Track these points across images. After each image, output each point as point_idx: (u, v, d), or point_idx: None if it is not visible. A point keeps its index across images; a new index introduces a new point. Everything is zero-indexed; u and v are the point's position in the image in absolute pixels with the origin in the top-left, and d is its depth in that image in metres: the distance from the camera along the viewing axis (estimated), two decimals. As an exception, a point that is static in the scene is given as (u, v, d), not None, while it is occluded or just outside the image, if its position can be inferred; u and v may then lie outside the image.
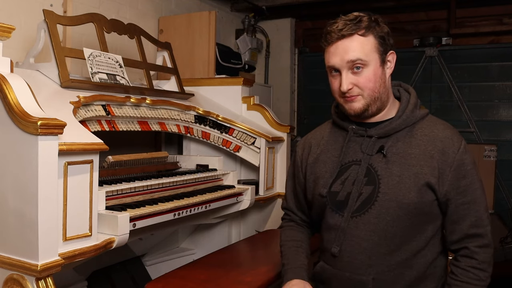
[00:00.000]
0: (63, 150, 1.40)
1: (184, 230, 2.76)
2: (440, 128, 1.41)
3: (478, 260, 1.34)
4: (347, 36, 1.36)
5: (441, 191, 1.35)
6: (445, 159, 1.35)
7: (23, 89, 1.41)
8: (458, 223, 1.37)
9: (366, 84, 1.37)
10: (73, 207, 1.46)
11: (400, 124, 1.41)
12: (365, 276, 1.38)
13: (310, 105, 4.70)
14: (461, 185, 1.35)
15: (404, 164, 1.37)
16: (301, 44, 4.69)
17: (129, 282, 2.41)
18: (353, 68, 1.36)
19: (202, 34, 3.19)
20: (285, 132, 2.71)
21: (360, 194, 1.40)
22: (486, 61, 3.98)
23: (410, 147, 1.39)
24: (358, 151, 1.44)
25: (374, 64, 1.37)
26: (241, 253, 2.30)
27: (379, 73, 1.38)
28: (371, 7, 4.11)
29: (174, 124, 2.40)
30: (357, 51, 1.35)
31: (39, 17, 1.98)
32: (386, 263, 1.38)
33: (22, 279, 1.37)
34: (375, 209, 1.37)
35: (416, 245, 1.38)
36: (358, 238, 1.39)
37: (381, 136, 1.42)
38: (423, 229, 1.38)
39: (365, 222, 1.38)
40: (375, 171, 1.39)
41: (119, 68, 2.16)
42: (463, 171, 1.36)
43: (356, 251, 1.40)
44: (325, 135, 1.57)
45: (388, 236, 1.37)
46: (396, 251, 1.37)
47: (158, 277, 1.85)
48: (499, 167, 3.80)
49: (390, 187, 1.36)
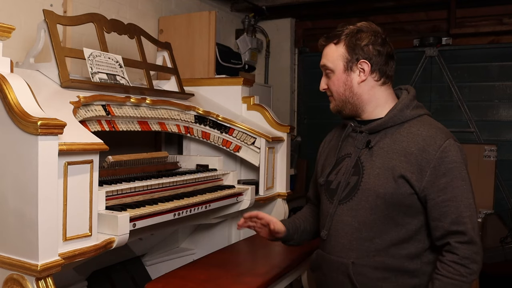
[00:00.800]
0: (63, 150, 1.40)
1: (184, 230, 2.76)
2: (426, 128, 1.48)
3: (459, 256, 1.38)
4: (326, 44, 1.59)
5: (419, 186, 1.42)
6: (425, 156, 1.43)
7: (23, 89, 1.41)
8: (440, 220, 1.42)
9: (331, 87, 1.58)
10: (73, 207, 1.46)
11: (386, 122, 1.52)
12: (346, 259, 1.50)
13: (310, 105, 4.70)
14: (441, 182, 1.41)
15: (386, 158, 1.48)
16: (301, 44, 4.70)
17: (129, 282, 2.41)
18: (326, 72, 1.59)
19: (202, 34, 3.19)
20: (285, 132, 2.71)
21: (348, 183, 1.53)
22: (486, 61, 3.98)
23: (394, 143, 1.49)
24: (352, 145, 1.59)
25: (338, 70, 1.55)
26: (241, 253, 2.31)
27: (342, 79, 1.55)
28: (371, 7, 4.12)
29: (174, 124, 2.40)
30: (325, 58, 1.58)
31: (39, 17, 1.98)
32: (365, 248, 1.48)
33: (22, 279, 1.37)
34: (357, 197, 1.50)
35: (396, 236, 1.46)
36: (342, 223, 1.52)
37: (371, 132, 1.54)
38: (404, 222, 1.46)
39: (349, 208, 1.51)
40: (361, 163, 1.53)
41: (119, 68, 2.16)
42: (443, 169, 1.41)
43: (340, 235, 1.53)
44: (337, 132, 1.74)
45: (368, 223, 1.48)
46: (375, 238, 1.47)
47: (158, 277, 1.85)
48: (499, 167, 3.80)
49: (371, 178, 1.48)
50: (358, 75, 1.53)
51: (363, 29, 1.54)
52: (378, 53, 1.52)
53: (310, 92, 4.67)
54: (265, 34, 4.56)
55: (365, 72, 1.53)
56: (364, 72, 1.53)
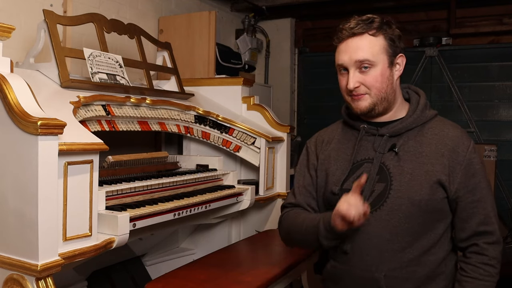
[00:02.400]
0: (63, 150, 1.40)
1: (184, 230, 2.76)
2: (450, 128, 1.44)
3: (489, 256, 1.36)
4: (358, 34, 1.38)
5: (451, 188, 1.37)
6: (455, 157, 1.38)
7: (23, 89, 1.41)
8: (467, 221, 1.38)
9: (372, 83, 1.39)
10: (73, 207, 1.46)
11: (411, 123, 1.43)
12: (377, 273, 1.39)
13: (310, 105, 4.70)
14: (470, 183, 1.38)
15: (416, 162, 1.39)
16: (301, 44, 4.69)
17: (129, 282, 2.41)
18: (360, 68, 1.39)
19: (202, 34, 3.19)
20: (285, 132, 2.71)
21: (372, 191, 1.40)
22: (486, 61, 3.98)
23: (421, 145, 1.41)
24: (370, 149, 1.45)
25: (381, 65, 1.39)
26: (241, 253, 2.30)
27: (386, 74, 1.40)
28: (371, 7, 4.12)
29: (174, 124, 2.40)
30: (365, 51, 1.38)
31: (39, 17, 1.98)
32: (398, 260, 1.38)
33: (22, 279, 1.37)
34: (387, 206, 1.38)
35: (427, 243, 1.39)
36: (370, 235, 1.40)
37: (392, 135, 1.44)
38: (434, 227, 1.40)
39: (377, 219, 1.39)
40: (387, 168, 1.41)
41: (119, 68, 2.16)
42: (472, 170, 1.38)
43: (368, 247, 1.40)
44: (336, 134, 1.58)
45: (400, 233, 1.37)
46: (407, 248, 1.38)
47: (158, 277, 1.85)
48: (499, 167, 3.80)
49: (402, 184, 1.38)
50: (397, 70, 1.44)
51: (390, 21, 1.43)
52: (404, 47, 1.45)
53: (310, 92, 4.67)
54: (265, 34, 4.56)
55: (401, 67, 1.44)
56: (400, 66, 1.44)
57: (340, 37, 1.42)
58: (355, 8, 4.14)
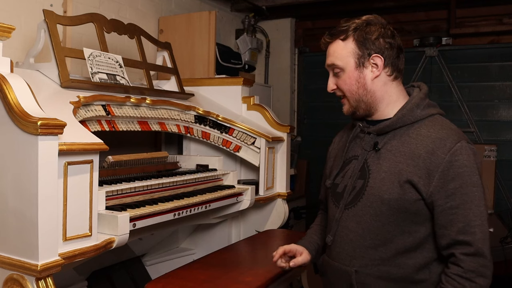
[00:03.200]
0: (63, 150, 1.40)
1: (184, 230, 2.76)
2: (436, 129, 1.38)
3: (464, 269, 1.28)
4: (331, 42, 1.48)
5: (426, 191, 1.33)
6: (434, 159, 1.33)
7: (23, 89, 1.41)
8: (446, 228, 1.32)
9: (342, 86, 1.48)
10: (73, 207, 1.46)
11: (395, 123, 1.42)
12: (349, 267, 1.44)
13: (310, 105, 4.69)
14: (449, 188, 1.31)
15: (393, 161, 1.39)
16: (301, 44, 4.69)
17: (129, 282, 2.41)
18: (333, 72, 1.49)
19: (202, 34, 3.19)
20: (285, 132, 2.71)
21: (354, 187, 1.46)
22: (486, 61, 3.98)
23: (402, 145, 1.40)
24: (359, 147, 1.51)
25: (348, 68, 1.45)
26: (241, 253, 2.30)
27: (354, 76, 1.45)
28: (371, 7, 4.12)
29: (174, 124, 2.40)
30: (333, 57, 1.47)
31: (39, 17, 1.98)
32: (369, 256, 1.40)
33: (22, 279, 1.37)
34: (361, 203, 1.43)
35: (402, 244, 1.37)
36: (347, 229, 1.46)
37: (378, 133, 1.46)
38: (411, 229, 1.37)
39: (354, 214, 1.44)
40: (367, 166, 1.45)
41: (119, 68, 2.16)
42: (452, 173, 1.31)
43: (344, 241, 1.47)
44: (345, 131, 1.66)
45: (372, 230, 1.40)
46: (380, 246, 1.39)
47: (158, 277, 1.85)
48: (499, 167, 3.80)
49: (376, 182, 1.41)
50: (371, 71, 1.43)
51: (370, 21, 1.44)
52: (390, 46, 1.43)
53: (310, 92, 4.67)
54: (265, 34, 4.56)
55: (378, 67, 1.43)
56: (377, 67, 1.43)
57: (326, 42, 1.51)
58: (355, 8, 4.14)
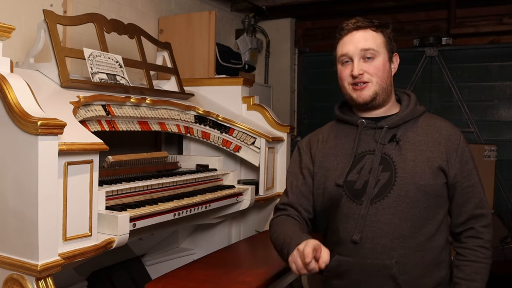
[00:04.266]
0: (63, 150, 1.40)
1: (184, 230, 2.76)
2: (441, 120, 1.54)
3: (484, 239, 1.44)
4: (362, 28, 1.49)
5: (450, 174, 1.45)
6: (451, 145, 1.47)
7: (23, 89, 1.41)
8: (464, 205, 1.47)
9: (375, 71, 1.47)
10: (73, 207, 1.46)
11: (407, 115, 1.51)
12: (388, 260, 1.41)
13: (310, 105, 4.70)
14: (465, 169, 1.47)
15: (416, 150, 1.46)
16: (301, 44, 4.69)
17: (129, 282, 2.41)
18: (364, 57, 1.47)
19: (202, 34, 3.19)
20: (285, 132, 2.71)
21: (377, 181, 1.45)
22: (486, 61, 3.98)
23: (418, 135, 1.49)
24: (370, 141, 1.51)
25: (383, 56, 1.49)
26: (241, 253, 2.30)
27: (387, 66, 1.50)
28: (371, 7, 4.12)
29: (174, 124, 2.40)
30: (370, 41, 1.48)
31: (39, 17, 1.98)
32: (408, 245, 1.42)
33: (22, 279, 1.37)
34: (394, 193, 1.43)
35: (431, 228, 1.45)
36: (379, 223, 1.43)
37: (391, 127, 1.51)
38: (436, 212, 1.46)
39: (385, 206, 1.43)
40: (390, 158, 1.47)
41: (119, 68, 2.16)
42: (465, 157, 1.48)
43: (378, 236, 1.43)
44: (331, 132, 1.62)
45: (409, 218, 1.42)
46: (416, 233, 1.43)
47: (158, 277, 1.85)
48: (499, 167, 3.80)
49: (407, 171, 1.44)
50: (393, 67, 1.54)
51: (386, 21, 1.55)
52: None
53: (310, 92, 4.67)
54: (265, 34, 4.56)
55: (396, 65, 1.55)
56: (396, 65, 1.55)
57: (345, 30, 1.51)
58: (355, 8, 4.14)
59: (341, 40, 1.52)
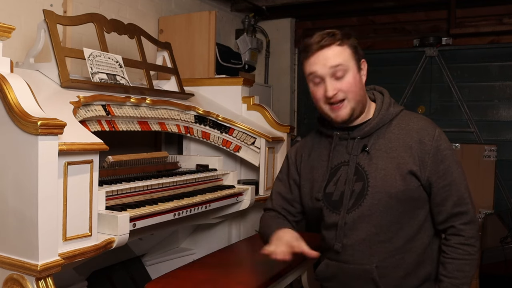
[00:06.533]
0: (63, 150, 1.40)
1: (184, 230, 2.76)
2: (414, 121, 1.53)
3: (465, 236, 1.45)
4: (326, 46, 1.47)
5: (423, 176, 1.46)
6: (423, 147, 1.47)
7: (23, 89, 1.41)
8: (442, 204, 1.47)
9: (349, 88, 1.47)
10: (73, 207, 1.46)
11: (378, 123, 1.52)
12: (368, 265, 1.48)
13: (310, 105, 4.69)
14: (440, 169, 1.46)
15: (387, 158, 1.49)
16: (301, 44, 4.69)
17: (129, 282, 2.41)
18: (335, 75, 1.47)
19: (202, 34, 3.19)
20: (285, 132, 2.71)
21: (352, 191, 1.50)
22: (486, 61, 3.98)
23: (390, 141, 1.51)
24: (344, 153, 1.56)
25: (353, 70, 1.48)
26: (241, 253, 2.30)
27: (357, 78, 1.50)
28: (371, 7, 4.12)
29: (174, 124, 2.40)
30: (338, 58, 1.46)
31: (39, 17, 1.98)
32: (386, 250, 1.47)
33: (22, 279, 1.37)
34: (367, 202, 1.47)
35: (411, 230, 1.48)
36: (357, 231, 1.49)
37: (363, 136, 1.53)
38: (414, 214, 1.49)
39: (360, 215, 1.48)
40: (362, 168, 1.51)
41: (119, 68, 2.16)
42: (440, 156, 1.47)
43: (357, 243, 1.49)
44: (314, 144, 1.68)
45: (384, 225, 1.47)
46: (393, 237, 1.47)
47: (158, 277, 1.85)
48: (499, 167, 3.80)
49: (378, 180, 1.47)
50: (363, 75, 1.54)
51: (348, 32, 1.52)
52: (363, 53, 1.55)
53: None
54: (265, 34, 4.56)
55: (365, 71, 1.55)
56: (364, 71, 1.55)
57: (308, 51, 1.50)
58: (355, 8, 4.14)
59: (307, 60, 1.53)
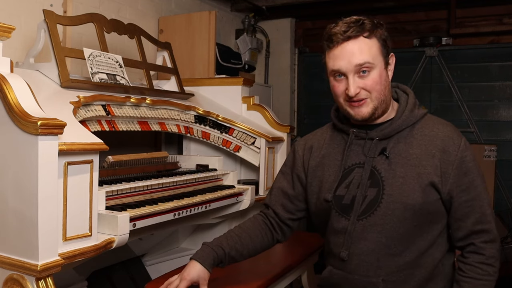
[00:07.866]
0: (63, 150, 1.40)
1: (184, 230, 2.76)
2: (439, 127, 1.40)
3: (486, 256, 1.34)
4: (353, 38, 1.33)
5: (444, 189, 1.35)
6: (447, 157, 1.35)
7: (23, 89, 1.41)
8: (463, 220, 1.36)
9: (373, 86, 1.34)
10: (73, 207, 1.46)
11: (401, 125, 1.40)
12: (374, 278, 1.38)
13: (310, 105, 4.70)
14: (464, 182, 1.35)
15: (407, 165, 1.36)
16: (301, 44, 4.69)
17: (129, 282, 2.41)
18: (359, 72, 1.34)
19: (202, 34, 3.19)
20: (285, 132, 2.71)
21: (365, 197, 1.38)
22: (486, 61, 3.98)
23: (411, 147, 1.38)
24: (360, 153, 1.43)
25: (379, 66, 1.35)
26: (241, 253, 2.30)
27: (384, 75, 1.37)
28: (371, 7, 4.12)
29: (174, 124, 2.40)
30: (365, 54, 1.32)
31: (39, 17, 1.98)
32: (395, 264, 1.37)
33: (22, 279, 1.37)
34: (380, 211, 1.36)
35: (423, 245, 1.37)
36: (366, 241, 1.38)
37: (382, 138, 1.41)
38: (429, 229, 1.37)
39: (371, 224, 1.37)
40: (379, 173, 1.38)
41: (119, 68, 2.16)
42: (464, 168, 1.35)
43: (365, 253, 1.39)
44: (326, 139, 1.55)
45: (395, 237, 1.36)
46: (404, 251, 1.36)
47: (158, 277, 1.84)
48: (499, 167, 3.80)
49: (394, 189, 1.35)
50: (390, 70, 1.40)
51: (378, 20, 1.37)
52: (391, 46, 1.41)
53: (310, 92, 4.67)
54: (265, 34, 4.56)
55: (392, 67, 1.41)
56: (392, 66, 1.41)
57: (334, 41, 1.34)
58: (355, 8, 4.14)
59: (331, 52, 1.36)
